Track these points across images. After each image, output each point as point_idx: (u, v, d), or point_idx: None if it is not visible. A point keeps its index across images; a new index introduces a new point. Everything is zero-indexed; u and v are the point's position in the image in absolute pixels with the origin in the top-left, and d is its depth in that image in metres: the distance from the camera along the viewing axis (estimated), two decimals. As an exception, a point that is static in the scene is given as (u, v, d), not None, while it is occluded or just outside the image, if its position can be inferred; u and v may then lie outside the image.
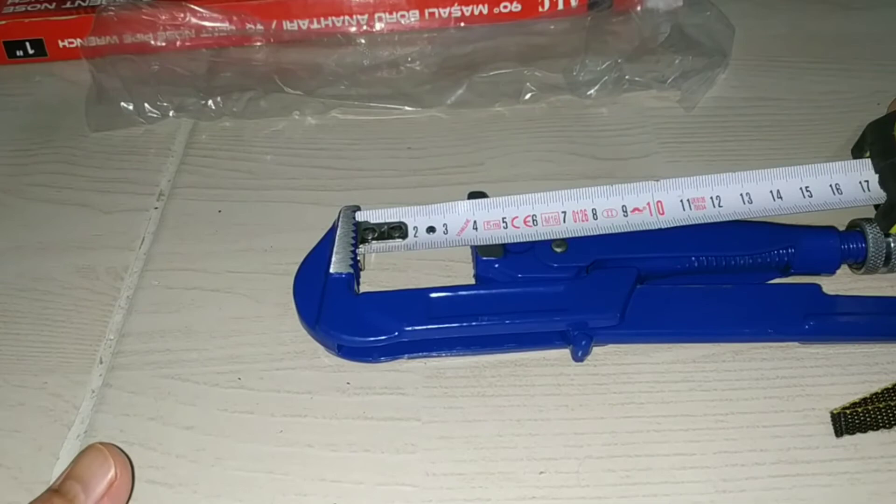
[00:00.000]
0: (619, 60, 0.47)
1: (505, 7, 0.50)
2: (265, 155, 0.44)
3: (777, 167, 0.36)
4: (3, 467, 0.31)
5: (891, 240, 0.35)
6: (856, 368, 0.33)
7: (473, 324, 0.33)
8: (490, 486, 0.30)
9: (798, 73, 0.49)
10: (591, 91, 0.46)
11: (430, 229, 0.35)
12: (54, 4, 0.51)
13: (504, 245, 0.35)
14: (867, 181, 0.36)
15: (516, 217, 0.35)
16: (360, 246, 0.35)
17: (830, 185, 0.36)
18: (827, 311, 0.34)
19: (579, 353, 0.33)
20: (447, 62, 0.48)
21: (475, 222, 0.35)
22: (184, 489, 0.30)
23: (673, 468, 0.30)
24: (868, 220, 0.36)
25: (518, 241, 0.35)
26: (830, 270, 0.36)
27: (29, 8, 0.51)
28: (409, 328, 0.33)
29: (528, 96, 0.47)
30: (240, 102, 0.46)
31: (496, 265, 0.34)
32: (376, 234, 0.36)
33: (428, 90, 0.46)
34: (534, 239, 0.35)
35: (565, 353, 0.34)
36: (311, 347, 0.35)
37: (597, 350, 0.34)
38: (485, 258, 0.34)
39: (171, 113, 0.46)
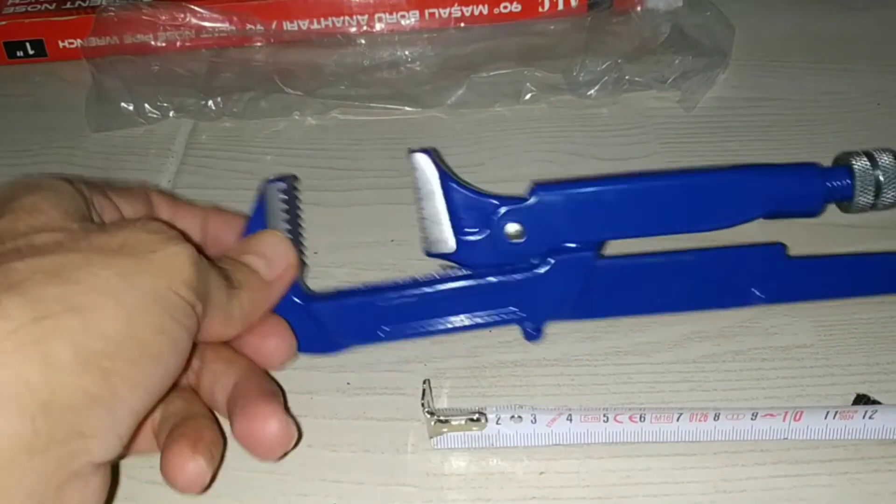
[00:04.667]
0: (620, 60, 0.47)
1: (505, 7, 0.50)
2: (265, 155, 0.44)
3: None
4: (3, 468, 0.31)
5: (879, 172, 0.33)
6: (856, 369, 0.33)
7: (422, 330, 0.33)
8: (490, 486, 0.30)
9: (798, 73, 0.49)
10: (592, 91, 0.47)
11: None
12: (54, 5, 0.51)
13: (457, 238, 0.33)
14: None
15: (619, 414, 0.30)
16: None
17: None
18: (784, 275, 0.33)
19: (531, 340, 0.33)
20: (447, 62, 0.48)
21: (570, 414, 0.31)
22: (184, 489, 0.30)
23: (673, 468, 0.30)
24: (856, 153, 0.34)
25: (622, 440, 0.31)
26: (814, 211, 0.34)
27: (29, 8, 0.51)
28: (357, 342, 0.33)
29: (528, 96, 0.47)
30: (240, 103, 0.46)
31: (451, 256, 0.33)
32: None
33: (428, 90, 0.46)
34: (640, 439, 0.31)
35: (565, 353, 0.34)
36: (312, 348, 0.35)
37: (597, 350, 0.34)
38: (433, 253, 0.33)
39: (171, 113, 0.46)
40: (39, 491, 0.22)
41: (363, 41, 0.50)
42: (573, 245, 0.33)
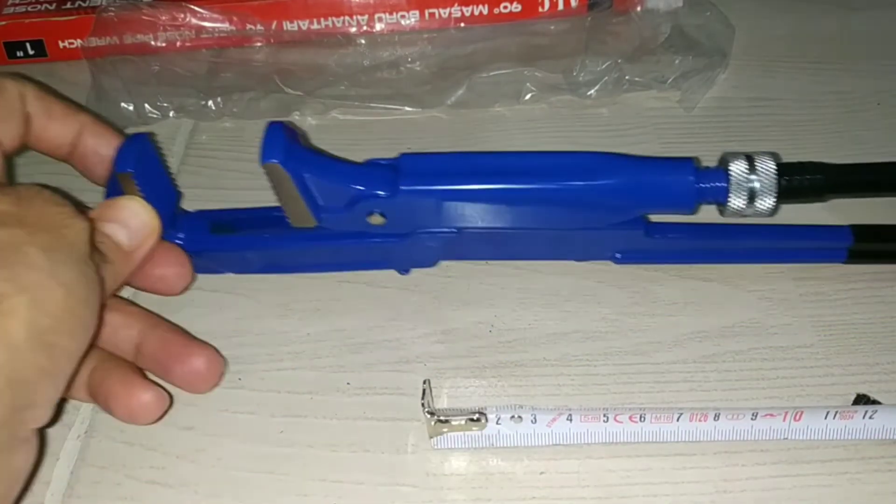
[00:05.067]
0: (620, 61, 0.47)
1: (505, 7, 0.50)
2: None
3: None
4: (3, 468, 0.31)
5: (755, 178, 0.32)
6: (856, 368, 0.33)
7: (291, 269, 0.36)
8: (490, 486, 0.30)
9: (798, 73, 0.49)
10: (592, 91, 0.47)
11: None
12: (54, 5, 0.51)
13: (318, 215, 0.33)
14: None
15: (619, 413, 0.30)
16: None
17: None
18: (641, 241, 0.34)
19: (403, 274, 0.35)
20: (447, 62, 0.48)
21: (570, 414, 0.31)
22: (184, 489, 0.30)
23: (673, 468, 0.30)
24: (737, 155, 0.33)
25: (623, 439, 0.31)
26: (686, 210, 0.33)
27: (29, 8, 0.51)
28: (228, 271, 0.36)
29: (528, 96, 0.47)
30: (240, 103, 0.46)
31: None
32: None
33: (428, 90, 0.46)
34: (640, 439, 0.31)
35: (565, 353, 0.34)
36: (312, 348, 0.35)
37: (597, 350, 0.34)
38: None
39: (171, 113, 0.46)
40: None
41: (363, 41, 0.50)
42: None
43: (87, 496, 0.30)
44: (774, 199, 0.32)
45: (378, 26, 0.50)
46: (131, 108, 0.46)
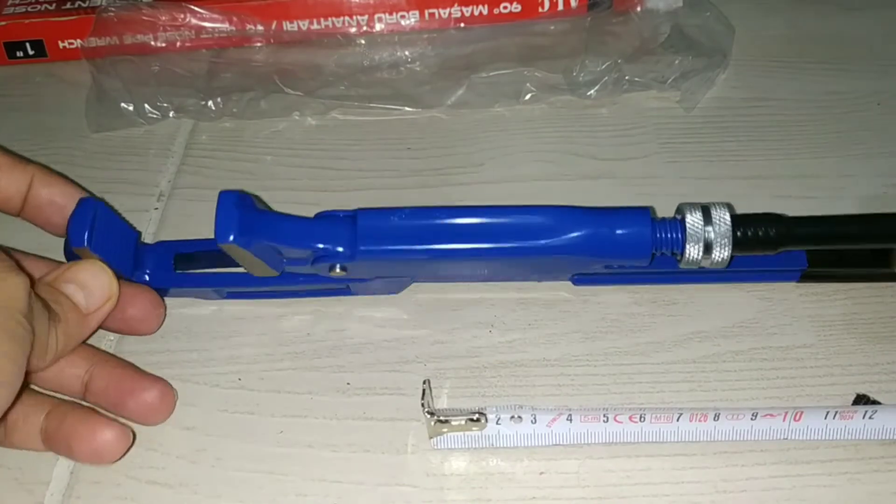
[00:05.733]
0: (619, 61, 0.47)
1: (505, 7, 0.50)
2: (265, 156, 0.44)
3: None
4: (3, 468, 0.31)
5: (710, 230, 0.32)
6: (856, 369, 0.33)
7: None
8: (490, 486, 0.30)
9: (798, 73, 0.49)
10: (591, 91, 0.46)
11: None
12: (54, 5, 0.51)
13: (277, 269, 0.34)
14: None
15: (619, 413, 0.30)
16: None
17: None
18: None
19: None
20: (447, 63, 0.48)
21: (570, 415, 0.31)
22: (184, 489, 0.30)
23: (673, 468, 0.30)
24: (693, 206, 0.33)
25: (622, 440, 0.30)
26: (642, 260, 0.33)
27: (29, 9, 0.51)
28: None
29: (528, 97, 0.47)
30: (240, 103, 0.46)
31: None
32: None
33: (428, 91, 0.46)
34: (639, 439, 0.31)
35: (565, 353, 0.34)
36: (312, 348, 0.35)
37: (597, 350, 0.34)
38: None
39: (171, 113, 0.46)
40: None
41: (363, 41, 0.50)
42: None
43: (87, 496, 0.30)
44: (729, 251, 0.32)
45: (378, 26, 0.50)
46: (131, 108, 0.46)
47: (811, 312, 0.35)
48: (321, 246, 0.33)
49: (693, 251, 0.32)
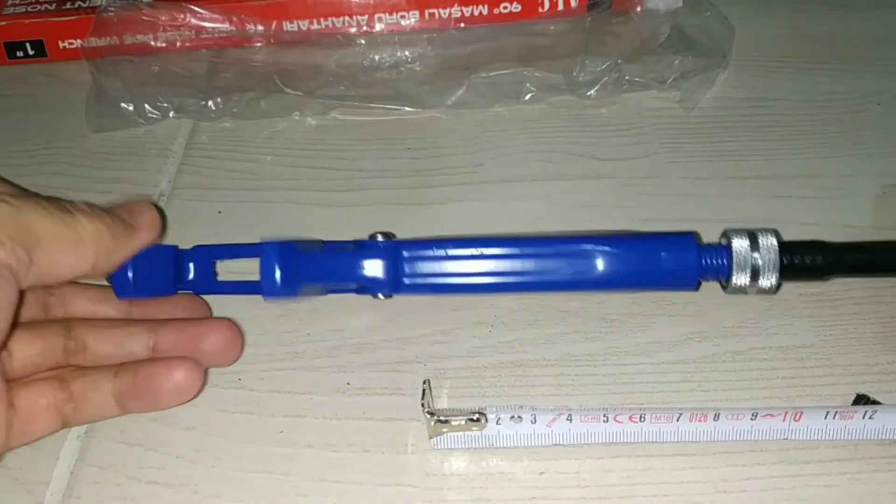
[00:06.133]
0: (619, 61, 0.47)
1: (505, 7, 0.50)
2: (265, 156, 0.44)
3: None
4: (3, 468, 0.31)
5: (757, 256, 0.32)
6: (856, 369, 0.33)
7: None
8: (490, 486, 0.30)
9: (798, 73, 0.49)
10: (591, 91, 0.46)
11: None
12: (54, 5, 0.51)
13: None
14: None
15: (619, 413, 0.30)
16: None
17: None
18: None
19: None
20: (447, 63, 0.48)
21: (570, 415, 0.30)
22: (184, 490, 0.30)
23: (673, 468, 0.30)
24: (739, 231, 0.33)
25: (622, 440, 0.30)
26: (687, 288, 0.33)
27: (29, 9, 0.51)
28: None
29: (528, 97, 0.47)
30: (240, 103, 0.46)
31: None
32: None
33: (428, 91, 0.46)
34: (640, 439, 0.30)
35: (565, 353, 0.34)
36: (312, 348, 0.35)
37: (597, 350, 0.34)
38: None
39: (171, 114, 0.46)
40: None
41: (363, 41, 0.50)
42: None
43: (87, 496, 0.30)
44: (777, 278, 0.32)
45: (378, 27, 0.50)
46: (131, 108, 0.46)
47: (811, 312, 0.35)
48: (364, 281, 0.34)
49: (740, 279, 0.32)
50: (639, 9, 0.49)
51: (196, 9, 0.48)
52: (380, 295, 0.35)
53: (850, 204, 0.40)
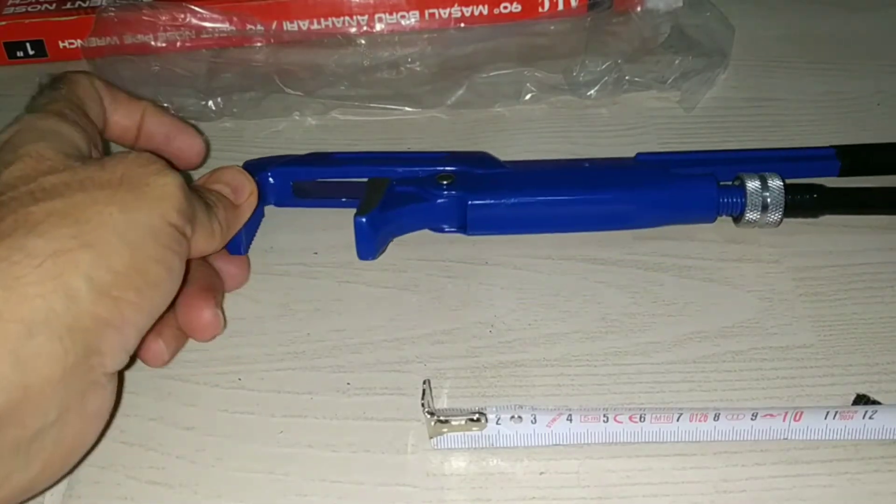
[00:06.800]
0: (620, 61, 0.47)
1: (505, 7, 0.50)
2: (266, 156, 0.44)
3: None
4: (3, 468, 0.31)
5: (767, 194, 0.37)
6: (856, 369, 0.33)
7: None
8: (490, 486, 0.30)
9: (798, 73, 0.49)
10: (592, 91, 0.47)
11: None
12: (55, 5, 0.51)
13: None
14: None
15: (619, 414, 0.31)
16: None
17: None
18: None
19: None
20: (447, 63, 0.48)
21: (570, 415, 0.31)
22: (184, 490, 0.30)
23: (673, 468, 0.30)
24: (750, 175, 0.38)
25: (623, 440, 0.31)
26: (707, 221, 0.38)
27: (29, 9, 0.51)
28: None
29: (528, 97, 0.47)
30: (240, 103, 0.46)
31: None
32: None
33: (428, 91, 0.46)
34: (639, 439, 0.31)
35: (565, 353, 0.34)
36: (312, 348, 0.35)
37: (597, 350, 0.34)
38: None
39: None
40: (69, 397, 0.27)
41: (363, 41, 0.50)
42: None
43: (87, 496, 0.30)
44: (782, 213, 0.37)
45: (378, 26, 0.50)
46: (131, 108, 0.46)
47: (811, 312, 0.35)
48: (436, 226, 0.39)
49: (752, 214, 0.37)
50: (639, 9, 0.49)
51: (196, 9, 0.48)
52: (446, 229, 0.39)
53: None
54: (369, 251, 0.36)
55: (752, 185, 0.37)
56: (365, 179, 0.39)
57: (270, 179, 0.39)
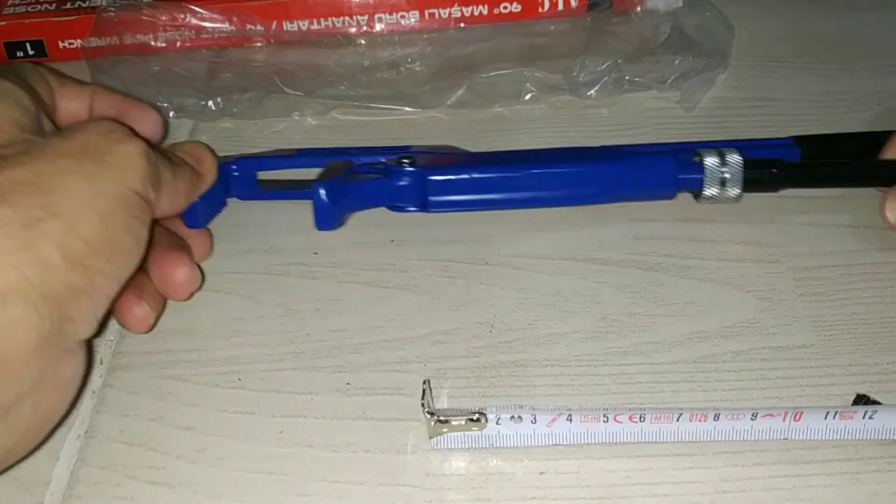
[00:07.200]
0: (619, 61, 0.47)
1: (505, 7, 0.50)
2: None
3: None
4: (3, 468, 0.31)
5: (726, 170, 0.37)
6: (856, 369, 0.33)
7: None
8: (490, 486, 0.30)
9: (798, 73, 0.49)
10: (592, 91, 0.46)
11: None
12: (54, 5, 0.51)
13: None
14: None
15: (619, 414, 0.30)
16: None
17: None
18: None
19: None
20: (447, 63, 0.48)
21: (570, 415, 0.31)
22: (184, 490, 0.30)
23: (673, 468, 0.30)
24: (708, 151, 0.38)
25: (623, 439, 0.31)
26: (667, 197, 0.39)
27: (29, 9, 0.51)
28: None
29: (528, 97, 0.47)
30: (240, 103, 0.46)
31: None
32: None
33: (428, 91, 0.46)
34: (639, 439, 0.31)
35: (565, 353, 0.34)
36: (312, 348, 0.35)
37: (597, 350, 0.34)
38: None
39: (171, 114, 0.46)
40: (44, 365, 0.27)
41: (363, 41, 0.50)
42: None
43: (87, 496, 0.30)
44: (740, 188, 0.38)
45: (378, 26, 0.50)
46: (131, 108, 0.46)
47: (811, 312, 0.35)
48: (397, 204, 0.40)
49: (711, 190, 0.38)
50: (639, 9, 0.49)
51: (196, 9, 0.48)
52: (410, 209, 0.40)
53: (851, 203, 0.40)
54: (328, 221, 0.37)
55: (711, 160, 0.38)
56: None
57: (235, 172, 0.40)
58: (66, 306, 0.27)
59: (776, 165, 0.38)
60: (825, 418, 0.30)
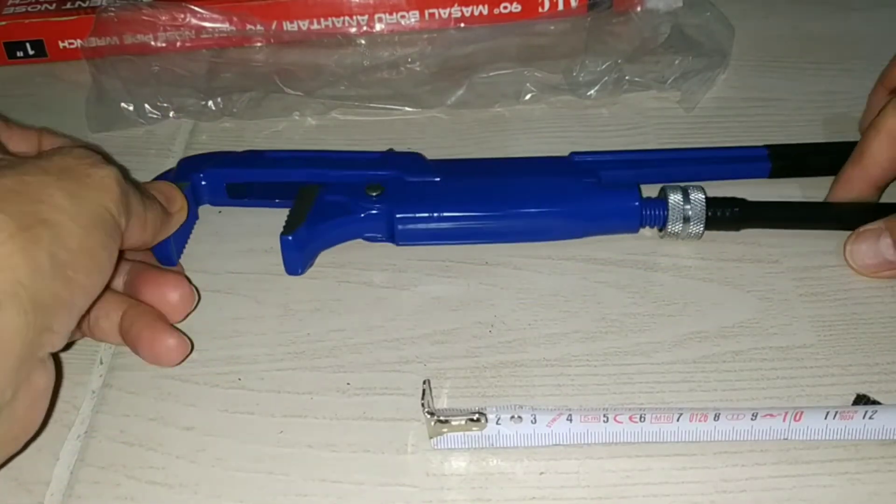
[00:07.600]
0: (620, 61, 0.47)
1: (505, 8, 0.50)
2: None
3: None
4: (3, 468, 0.31)
5: (689, 207, 0.37)
6: (856, 369, 0.33)
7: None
8: (490, 486, 0.30)
9: (798, 73, 0.49)
10: (592, 91, 0.47)
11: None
12: (54, 5, 0.51)
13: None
14: None
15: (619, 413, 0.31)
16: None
17: None
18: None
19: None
20: (447, 63, 0.48)
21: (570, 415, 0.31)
22: (184, 490, 0.30)
23: (673, 468, 0.30)
24: (672, 188, 0.38)
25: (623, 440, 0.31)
26: (630, 231, 0.39)
27: (29, 9, 0.51)
28: None
29: (528, 97, 0.47)
30: (240, 103, 0.46)
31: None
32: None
33: (428, 91, 0.46)
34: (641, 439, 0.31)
35: (565, 353, 0.34)
36: (312, 348, 0.35)
37: (597, 350, 0.34)
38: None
39: (171, 114, 0.46)
40: (22, 374, 0.27)
41: (363, 41, 0.50)
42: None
43: (87, 496, 0.30)
44: (703, 226, 0.38)
45: (378, 26, 0.50)
46: (131, 108, 0.46)
47: (811, 312, 0.35)
48: (365, 236, 0.39)
49: (675, 226, 0.38)
50: (639, 9, 0.49)
51: (196, 9, 0.48)
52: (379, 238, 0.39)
53: (850, 204, 0.40)
54: (296, 267, 0.37)
55: (675, 197, 0.38)
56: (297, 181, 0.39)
57: (203, 182, 0.40)
58: (50, 315, 0.27)
59: (739, 205, 0.38)
60: (825, 418, 0.30)
